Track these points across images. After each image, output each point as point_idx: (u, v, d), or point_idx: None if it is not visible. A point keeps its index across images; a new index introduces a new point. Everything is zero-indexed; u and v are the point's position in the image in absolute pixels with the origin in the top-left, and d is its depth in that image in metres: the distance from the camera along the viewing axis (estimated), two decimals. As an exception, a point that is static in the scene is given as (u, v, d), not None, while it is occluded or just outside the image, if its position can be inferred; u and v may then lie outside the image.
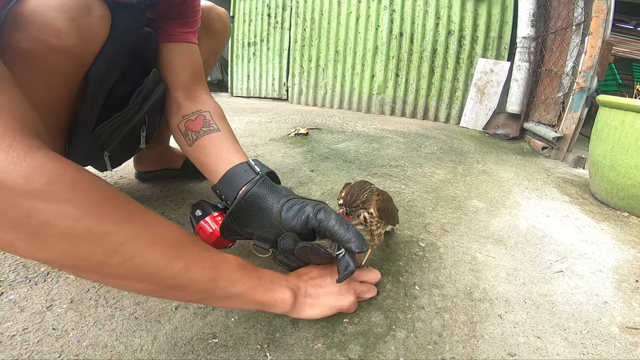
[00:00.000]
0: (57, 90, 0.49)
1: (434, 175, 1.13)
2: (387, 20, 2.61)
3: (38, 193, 0.25)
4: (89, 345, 0.40)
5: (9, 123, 0.27)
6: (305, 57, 2.96)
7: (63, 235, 0.27)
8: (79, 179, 0.28)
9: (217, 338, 0.43)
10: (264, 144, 1.36)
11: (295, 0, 2.95)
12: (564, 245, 0.74)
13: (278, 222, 0.48)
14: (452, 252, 0.67)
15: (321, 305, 0.44)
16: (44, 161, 0.26)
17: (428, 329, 0.47)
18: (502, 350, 0.44)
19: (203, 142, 0.58)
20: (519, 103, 2.14)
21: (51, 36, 0.44)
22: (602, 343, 0.46)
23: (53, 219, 0.26)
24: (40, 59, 0.45)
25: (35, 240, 0.26)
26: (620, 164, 1.02)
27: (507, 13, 2.37)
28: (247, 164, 0.55)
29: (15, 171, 0.25)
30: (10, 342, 0.40)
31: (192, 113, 0.61)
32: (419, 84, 2.54)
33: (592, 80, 1.69)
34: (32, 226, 0.25)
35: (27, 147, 0.26)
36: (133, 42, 0.56)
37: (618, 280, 0.63)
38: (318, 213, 0.46)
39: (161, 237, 0.33)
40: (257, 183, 0.50)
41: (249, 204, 0.49)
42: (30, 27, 0.43)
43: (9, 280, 0.52)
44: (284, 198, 0.49)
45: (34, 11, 0.43)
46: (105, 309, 0.46)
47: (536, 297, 0.55)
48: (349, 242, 0.44)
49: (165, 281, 0.32)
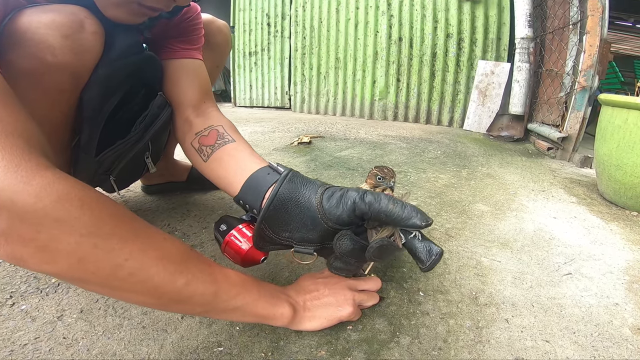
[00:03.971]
0: (57, 107, 0.50)
1: (438, 180, 1.13)
2: (386, 26, 2.64)
3: (47, 210, 0.26)
4: (98, 354, 0.40)
5: (17, 142, 0.28)
6: (306, 65, 3.00)
7: (71, 251, 0.28)
8: (86, 196, 0.29)
9: (222, 346, 0.43)
10: (267, 154, 1.38)
11: (294, 9, 3.00)
12: (572, 247, 0.73)
13: (321, 214, 0.42)
14: (457, 257, 0.66)
15: (320, 318, 0.45)
16: (53, 180, 0.27)
17: (432, 334, 0.47)
18: (509, 354, 0.44)
19: (219, 155, 0.55)
20: (521, 104, 2.13)
21: (46, 54, 0.44)
22: (613, 345, 0.46)
23: (61, 235, 0.27)
24: (37, 77, 0.45)
25: (44, 255, 0.27)
26: (626, 162, 1.01)
27: (504, 14, 2.37)
28: (269, 167, 0.50)
29: (26, 190, 0.26)
30: (22, 350, 0.41)
31: (204, 129, 0.59)
32: (421, 88, 2.55)
33: (593, 79, 1.68)
34: (41, 241, 0.27)
35: (36, 166, 0.27)
36: (132, 64, 0.56)
37: (629, 281, 0.62)
38: (364, 196, 0.41)
39: (165, 253, 0.34)
40: (285, 179, 0.45)
41: (282, 202, 0.43)
42: (25, 45, 0.43)
43: (21, 291, 0.54)
44: (320, 188, 0.44)
45: (28, 29, 0.43)
46: (113, 319, 0.46)
47: (544, 301, 0.54)
48: (411, 219, 0.39)
49: (168, 295, 0.33)
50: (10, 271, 0.60)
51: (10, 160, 0.26)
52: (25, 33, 0.43)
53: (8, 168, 0.26)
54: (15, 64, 0.43)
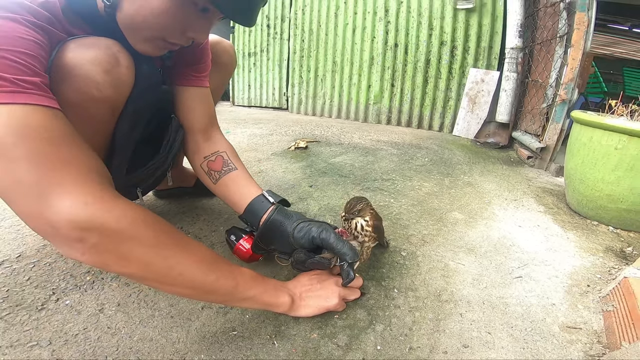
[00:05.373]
0: (98, 135, 0.59)
1: (422, 188, 1.25)
2: (383, 32, 2.72)
3: (125, 230, 0.38)
4: (138, 340, 0.52)
5: (94, 178, 0.39)
6: (304, 67, 3.08)
7: (141, 258, 0.40)
8: (147, 218, 0.41)
9: (236, 331, 0.55)
10: (266, 158, 1.48)
11: (294, 11, 3.07)
12: (528, 253, 0.85)
13: (293, 240, 0.62)
14: (429, 260, 0.78)
15: (312, 307, 0.58)
16: (125, 207, 0.39)
17: (401, 324, 0.59)
18: (459, 342, 0.56)
19: (225, 181, 0.72)
20: (507, 113, 2.25)
21: (92, 88, 0.51)
22: (541, 340, 0.58)
23: (134, 248, 0.39)
24: (84, 108, 0.52)
25: (122, 262, 0.39)
26: (589, 177, 1.13)
27: (497, 23, 2.45)
28: (263, 195, 0.69)
29: (109, 216, 0.37)
30: (75, 340, 0.52)
31: (211, 154, 0.73)
32: (414, 93, 2.66)
33: (573, 92, 1.80)
34: (121, 252, 0.39)
35: (111, 197, 0.38)
36: (156, 98, 0.66)
37: (570, 285, 0.74)
38: (321, 233, 0.61)
39: (200, 257, 0.46)
40: (274, 212, 0.65)
41: (269, 229, 0.64)
42: (74, 80, 0.50)
43: (61, 287, 0.64)
44: (294, 222, 0.63)
45: (75, 65, 0.49)
46: (146, 310, 0.58)
47: (493, 299, 0.66)
48: (345, 255, 0.59)
49: (202, 288, 0.46)
50: (47, 270, 0.71)
51: (94, 195, 0.37)
52: (73, 69, 0.49)
53: (95, 200, 0.37)
54: (64, 97, 0.48)
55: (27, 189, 0.36)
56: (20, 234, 0.86)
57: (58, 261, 0.73)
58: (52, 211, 0.36)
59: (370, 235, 0.65)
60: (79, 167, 0.39)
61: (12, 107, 0.37)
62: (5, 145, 0.35)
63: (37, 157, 0.36)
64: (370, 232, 0.65)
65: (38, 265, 0.72)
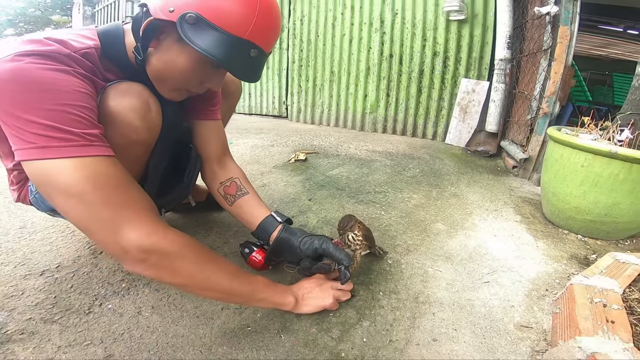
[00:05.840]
0: (135, 168, 0.71)
1: (411, 200, 1.38)
2: (378, 43, 2.84)
3: (176, 253, 0.52)
4: (172, 336, 0.65)
5: (149, 214, 0.52)
6: (302, 76, 3.21)
7: (187, 272, 0.54)
8: (189, 242, 0.55)
9: (250, 327, 0.69)
10: (268, 171, 1.61)
11: (292, 22, 3.19)
12: (498, 261, 0.98)
13: (299, 251, 0.77)
14: (411, 268, 0.91)
15: (311, 305, 0.71)
16: (174, 235, 0.53)
17: (384, 321, 0.72)
18: (429, 337, 0.69)
19: (239, 203, 0.86)
20: (496, 123, 2.37)
21: (132, 133, 0.63)
22: (497, 336, 0.71)
23: (183, 264, 0.53)
24: (125, 149, 0.63)
25: (173, 275, 0.53)
26: (560, 191, 1.26)
27: (487, 34, 2.52)
28: (272, 216, 0.83)
29: (165, 243, 0.52)
30: (122, 338, 0.65)
31: (226, 180, 0.87)
32: (408, 103, 2.78)
33: (554, 105, 1.92)
34: (172, 268, 0.53)
35: (163, 228, 0.52)
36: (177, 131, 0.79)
37: (530, 289, 0.87)
38: (322, 244, 0.76)
39: (227, 269, 0.60)
40: (282, 231, 0.80)
41: (279, 244, 0.79)
42: (117, 126, 0.60)
43: (102, 294, 0.77)
44: (299, 238, 0.79)
45: (118, 113, 0.60)
46: (176, 312, 0.71)
47: (462, 301, 0.79)
48: (342, 260, 0.74)
49: (229, 292, 0.60)
50: (86, 278, 0.83)
51: (152, 227, 0.51)
52: (117, 117, 0.60)
53: (153, 232, 0.51)
54: (110, 139, 0.57)
55: (103, 225, 0.49)
56: (54, 246, 0.98)
57: (94, 270, 0.86)
58: (123, 240, 0.50)
59: (361, 243, 0.79)
60: (138, 205, 0.53)
61: (84, 160, 0.50)
62: (85, 192, 0.48)
63: (109, 200, 0.50)
64: (361, 241, 0.79)
65: (77, 274, 0.85)
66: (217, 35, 0.55)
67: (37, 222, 1.11)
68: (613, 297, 0.72)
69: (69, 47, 0.56)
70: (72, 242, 0.99)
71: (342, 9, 2.92)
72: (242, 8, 0.56)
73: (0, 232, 1.05)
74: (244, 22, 0.57)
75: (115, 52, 0.65)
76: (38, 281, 0.81)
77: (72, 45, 0.57)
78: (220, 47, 0.56)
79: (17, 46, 0.51)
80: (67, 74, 0.52)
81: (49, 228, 1.07)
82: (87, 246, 0.96)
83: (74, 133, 0.49)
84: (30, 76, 0.49)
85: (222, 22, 0.56)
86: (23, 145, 0.48)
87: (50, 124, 0.48)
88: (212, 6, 0.55)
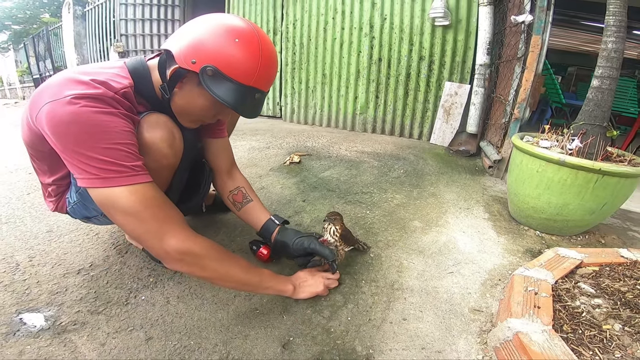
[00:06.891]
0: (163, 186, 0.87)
1: (393, 200, 1.56)
2: (368, 47, 2.98)
3: (204, 254, 0.69)
4: (197, 320, 0.82)
5: (182, 224, 0.68)
6: (296, 79, 3.34)
7: (213, 268, 0.71)
8: (213, 245, 0.72)
9: (258, 310, 0.87)
10: (266, 174, 1.77)
11: (285, 25, 3.30)
12: (463, 254, 1.17)
13: (293, 250, 0.95)
14: (389, 260, 1.10)
15: (306, 292, 0.89)
16: (202, 240, 0.70)
17: (365, 304, 0.90)
18: (400, 317, 0.87)
19: (246, 209, 1.04)
20: (476, 124, 2.55)
21: (163, 159, 0.79)
22: (454, 317, 0.89)
23: (210, 262, 0.70)
24: (158, 172, 0.79)
25: (202, 270, 0.70)
26: (519, 193, 1.45)
27: (470, 39, 2.67)
28: (271, 219, 1.00)
29: (196, 246, 0.68)
30: (157, 323, 0.82)
31: (234, 189, 1.04)
32: (396, 104, 2.94)
33: (524, 111, 2.10)
34: (201, 265, 0.69)
35: (194, 235, 0.68)
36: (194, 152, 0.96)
37: (487, 278, 1.06)
38: (310, 244, 0.93)
39: (241, 264, 0.77)
40: (279, 234, 0.98)
41: (277, 246, 0.98)
42: (152, 154, 0.75)
43: (134, 287, 0.93)
44: (293, 239, 0.95)
45: (153, 143, 0.75)
46: (197, 300, 0.88)
47: (429, 288, 0.98)
48: (327, 256, 0.91)
49: (242, 282, 0.77)
50: (118, 275, 0.99)
51: (186, 235, 0.68)
52: (151, 147, 0.75)
53: (187, 239, 0.68)
54: (146, 165, 0.70)
55: (152, 235, 0.65)
56: (83, 247, 1.13)
57: (123, 268, 1.02)
58: (167, 245, 0.66)
59: (339, 239, 0.96)
60: (175, 219, 0.69)
61: (135, 187, 0.65)
62: (139, 211, 0.64)
63: (156, 217, 0.66)
64: (339, 238, 0.96)
65: (109, 272, 1.00)
66: (230, 85, 0.71)
67: (62, 226, 1.25)
68: (544, 287, 0.89)
69: (111, 89, 0.70)
70: (98, 243, 1.14)
71: (333, 13, 3.04)
72: (248, 60, 0.71)
73: (29, 236, 1.19)
74: (250, 72, 0.72)
75: (145, 89, 0.79)
76: (77, 279, 0.96)
77: (113, 87, 0.71)
78: (232, 95, 0.71)
79: (68, 85, 0.64)
80: (115, 116, 0.67)
81: (74, 231, 1.22)
82: (113, 247, 1.12)
83: (125, 166, 0.65)
84: (88, 119, 0.63)
85: (233, 73, 0.70)
86: (87, 176, 0.63)
87: (108, 159, 0.63)
88: (225, 60, 0.70)
